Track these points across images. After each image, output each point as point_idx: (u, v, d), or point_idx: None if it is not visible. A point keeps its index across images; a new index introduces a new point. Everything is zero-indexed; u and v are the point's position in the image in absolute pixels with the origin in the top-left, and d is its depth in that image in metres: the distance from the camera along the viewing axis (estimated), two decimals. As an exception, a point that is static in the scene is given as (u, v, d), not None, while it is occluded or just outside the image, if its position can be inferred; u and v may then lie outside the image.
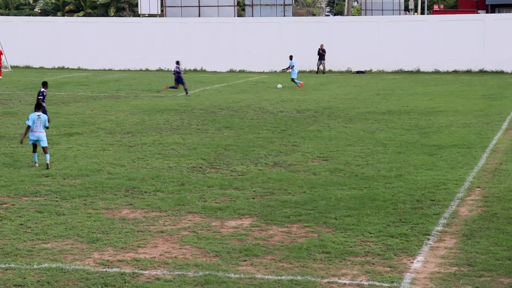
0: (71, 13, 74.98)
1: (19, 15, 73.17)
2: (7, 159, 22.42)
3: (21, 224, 15.61)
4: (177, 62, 41.87)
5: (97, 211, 16.78)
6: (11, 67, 58.72)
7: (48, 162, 20.94)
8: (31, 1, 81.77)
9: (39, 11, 79.89)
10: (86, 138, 26.28)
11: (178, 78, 41.17)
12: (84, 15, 73.40)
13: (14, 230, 15.20)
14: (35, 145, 21.10)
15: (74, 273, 12.63)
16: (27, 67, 60.87)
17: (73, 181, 19.61)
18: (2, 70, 53.93)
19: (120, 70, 60.48)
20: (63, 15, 74.54)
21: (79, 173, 20.62)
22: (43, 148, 21.00)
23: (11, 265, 12.97)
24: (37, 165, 20.98)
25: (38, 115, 20.88)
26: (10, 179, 19.66)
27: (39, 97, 26.00)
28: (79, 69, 60.49)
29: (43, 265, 12.97)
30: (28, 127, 20.85)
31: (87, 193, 18.38)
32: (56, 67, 61.33)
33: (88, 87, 45.77)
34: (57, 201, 17.62)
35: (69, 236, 14.79)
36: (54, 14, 75.55)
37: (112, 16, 72.71)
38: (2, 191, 18.49)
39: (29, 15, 75.72)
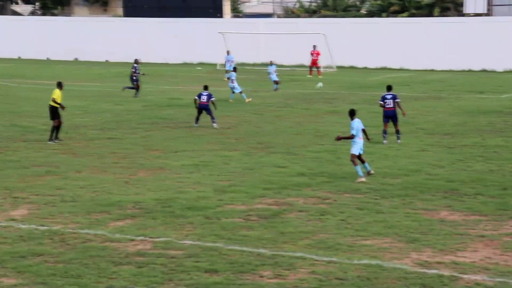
0: (395, 13, 75.62)
1: (346, 17, 75.26)
2: (330, 156, 23.23)
3: (343, 220, 16.11)
4: None
5: (416, 211, 16.82)
6: (336, 67, 60.67)
7: (370, 170, 20.03)
8: (358, 3, 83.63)
9: (365, 12, 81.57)
10: (407, 138, 26.37)
11: None
12: (408, 16, 73.57)
13: (336, 225, 15.74)
14: (359, 156, 19.86)
15: (393, 272, 12.77)
16: (352, 67, 62.48)
17: (392, 180, 19.83)
18: (322, 70, 55.87)
19: (442, 70, 59.90)
20: (387, 16, 75.37)
21: (399, 172, 20.79)
22: (359, 156, 19.88)
23: (333, 259, 13.44)
24: (363, 179, 19.58)
25: (358, 121, 19.97)
26: (333, 175, 20.34)
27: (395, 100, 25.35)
28: (401, 69, 60.88)
29: (363, 261, 13.28)
30: (352, 136, 19.76)
31: (406, 192, 18.48)
32: (378, 67, 62.30)
33: (410, 87, 45.89)
34: (377, 199, 17.93)
35: (388, 235, 14.98)
36: (379, 15, 76.68)
37: (436, 16, 72.16)
38: (326, 186, 19.21)
39: (356, 16, 77.61)
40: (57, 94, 26.03)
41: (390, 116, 25.41)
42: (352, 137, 19.82)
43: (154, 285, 12.24)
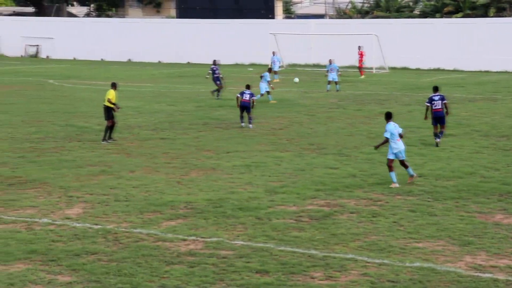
0: (449, 14, 74.82)
1: (399, 18, 74.68)
2: (383, 158, 22.87)
3: (395, 222, 16.00)
4: None
5: (470, 214, 16.61)
6: (389, 68, 60.24)
7: (413, 174, 19.59)
8: (411, 4, 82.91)
9: (419, 13, 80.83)
10: (461, 140, 26.10)
11: None
12: (463, 16, 72.70)
13: (388, 227, 15.63)
14: (402, 162, 19.48)
15: (446, 275, 12.64)
16: (404, 68, 61.96)
17: (445, 183, 19.62)
18: (375, 71, 55.49)
19: (498, 71, 59.06)
20: (441, 17, 74.59)
21: (452, 174, 20.56)
22: (402, 162, 19.57)
23: (385, 261, 13.36)
24: (397, 185, 19.10)
25: (394, 125, 19.61)
26: (385, 177, 20.15)
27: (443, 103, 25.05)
28: (455, 71, 60.20)
29: (415, 264, 13.17)
30: (386, 139, 19.48)
31: (460, 195, 18.27)
32: (432, 68, 61.68)
33: (465, 88, 45.36)
34: (429, 201, 17.76)
35: (441, 237, 14.83)
36: (433, 16, 75.93)
37: (492, 17, 71.14)
38: (378, 188, 19.09)
39: (409, 17, 76.94)
40: (112, 94, 26.34)
41: (438, 117, 25.13)
42: (386, 140, 19.51)
43: (205, 285, 12.30)
